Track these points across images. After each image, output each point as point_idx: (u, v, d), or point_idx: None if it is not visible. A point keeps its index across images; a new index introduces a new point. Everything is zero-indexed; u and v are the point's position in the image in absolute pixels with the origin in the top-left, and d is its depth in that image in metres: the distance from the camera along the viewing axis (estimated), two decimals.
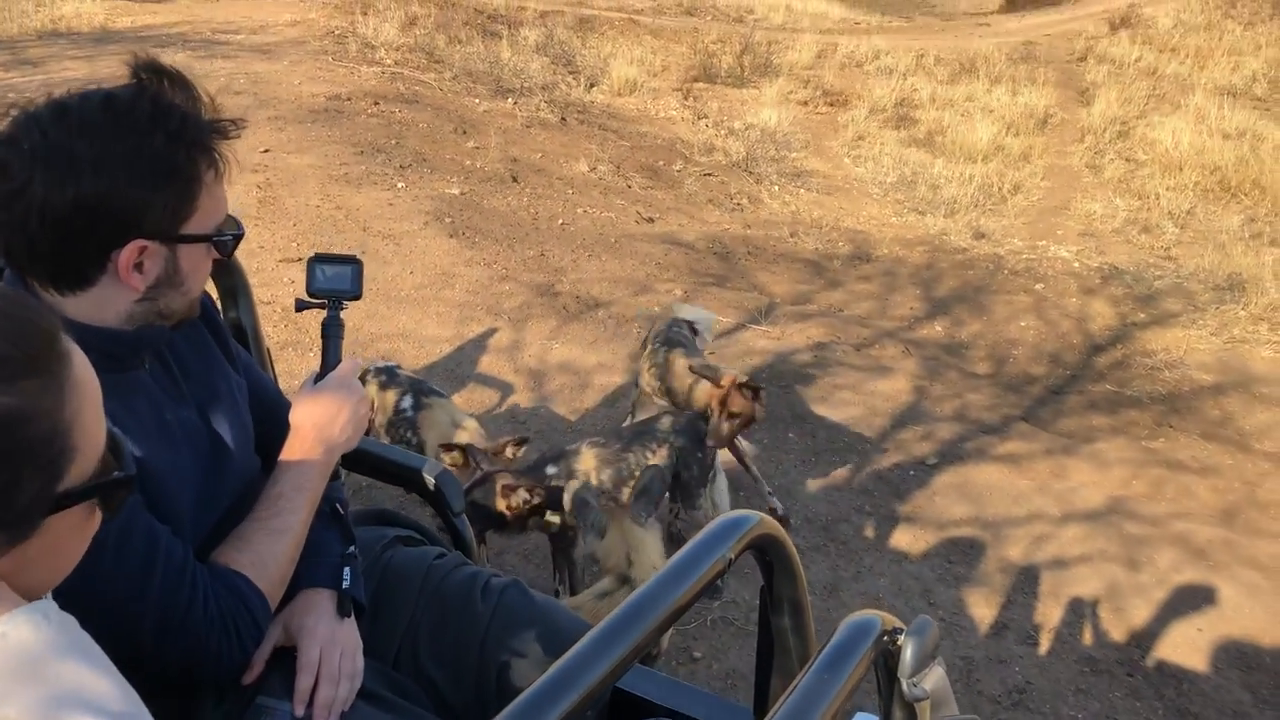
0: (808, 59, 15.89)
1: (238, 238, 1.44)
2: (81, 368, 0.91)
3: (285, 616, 1.47)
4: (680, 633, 3.49)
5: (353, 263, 1.64)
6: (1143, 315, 7.76)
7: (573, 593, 3.28)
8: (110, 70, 9.46)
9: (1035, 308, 7.69)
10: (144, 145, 1.26)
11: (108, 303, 1.31)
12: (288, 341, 5.03)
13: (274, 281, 5.59)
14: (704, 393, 3.79)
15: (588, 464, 3.44)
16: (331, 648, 1.44)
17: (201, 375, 1.49)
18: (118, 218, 1.26)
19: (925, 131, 13.08)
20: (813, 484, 4.49)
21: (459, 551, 1.84)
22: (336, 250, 5.89)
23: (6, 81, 8.75)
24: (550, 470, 3.42)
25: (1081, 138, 13.18)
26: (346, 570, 1.51)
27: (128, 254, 1.28)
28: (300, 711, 1.40)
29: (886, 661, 1.35)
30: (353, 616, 1.49)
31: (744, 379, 3.67)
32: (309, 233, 6.22)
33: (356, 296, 1.63)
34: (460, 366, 5.06)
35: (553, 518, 3.10)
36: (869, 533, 4.22)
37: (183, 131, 1.30)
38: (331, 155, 7.51)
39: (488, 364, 5.15)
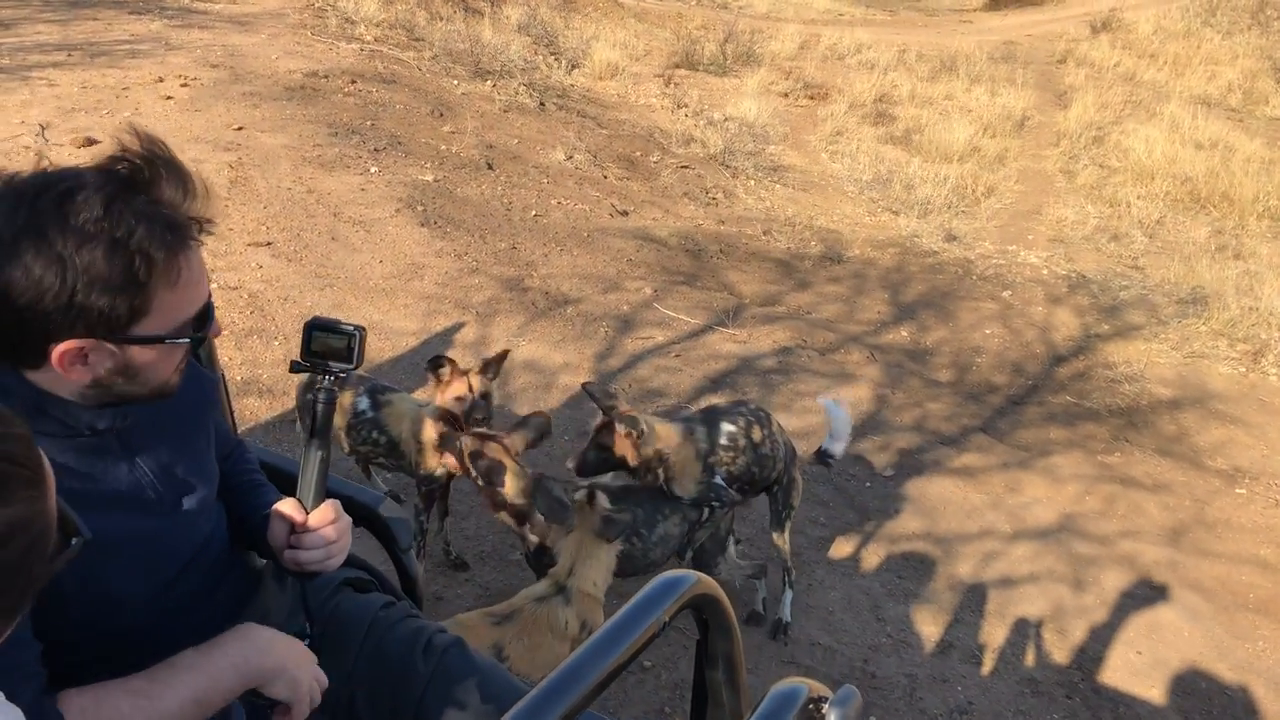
0: (790, 49, 15.92)
1: (200, 340, 1.40)
2: (46, 461, 0.99)
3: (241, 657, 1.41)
4: None
5: (353, 332, 1.56)
6: (1106, 326, 7.87)
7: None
8: (85, 35, 9.35)
9: (1001, 315, 7.77)
10: (82, 253, 1.23)
11: (59, 382, 1.32)
12: (251, 329, 5.01)
13: (241, 266, 5.56)
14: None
15: None
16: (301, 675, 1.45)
17: (173, 428, 1.49)
18: (46, 318, 1.25)
19: (903, 129, 13.14)
20: None
21: (406, 598, 1.87)
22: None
23: None
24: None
25: (1057, 142, 13.29)
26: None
27: (63, 351, 1.27)
28: None
29: None
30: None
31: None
32: (279, 215, 6.18)
33: (355, 368, 1.57)
34: (425, 361, 5.06)
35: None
36: (822, 545, 4.28)
37: (129, 240, 1.26)
38: (306, 135, 7.45)
39: (453, 359, 5.15)
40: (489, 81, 10.54)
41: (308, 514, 1.56)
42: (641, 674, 3.48)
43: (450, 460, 3.24)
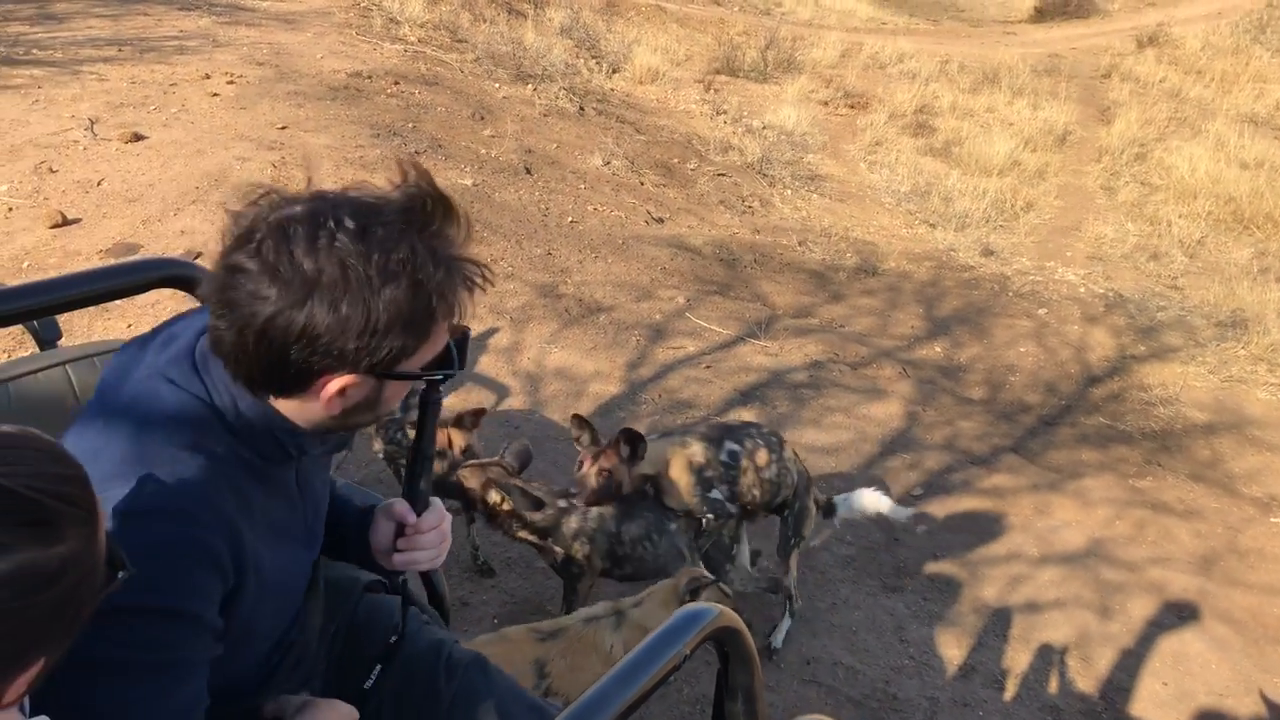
0: (832, 57, 15.87)
1: (448, 376, 1.39)
2: (99, 498, 1.02)
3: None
4: None
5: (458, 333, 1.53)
6: (1142, 348, 7.80)
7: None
8: (135, 31, 9.50)
9: (1036, 333, 7.73)
10: (386, 291, 1.20)
11: (302, 412, 1.30)
12: None
13: None
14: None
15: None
16: None
17: (323, 464, 1.52)
18: (338, 354, 1.22)
19: (943, 141, 13.07)
20: None
21: (431, 608, 1.91)
22: None
23: (30, 36, 8.78)
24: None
25: (1099, 158, 13.17)
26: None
27: (335, 385, 1.26)
28: None
29: None
30: None
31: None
32: None
33: (460, 368, 1.53)
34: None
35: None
36: (848, 563, 4.28)
37: (429, 280, 1.22)
38: (348, 136, 7.53)
39: (486, 364, 5.21)
40: (530, 85, 10.60)
41: (418, 515, 1.55)
42: (663, 688, 3.50)
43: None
